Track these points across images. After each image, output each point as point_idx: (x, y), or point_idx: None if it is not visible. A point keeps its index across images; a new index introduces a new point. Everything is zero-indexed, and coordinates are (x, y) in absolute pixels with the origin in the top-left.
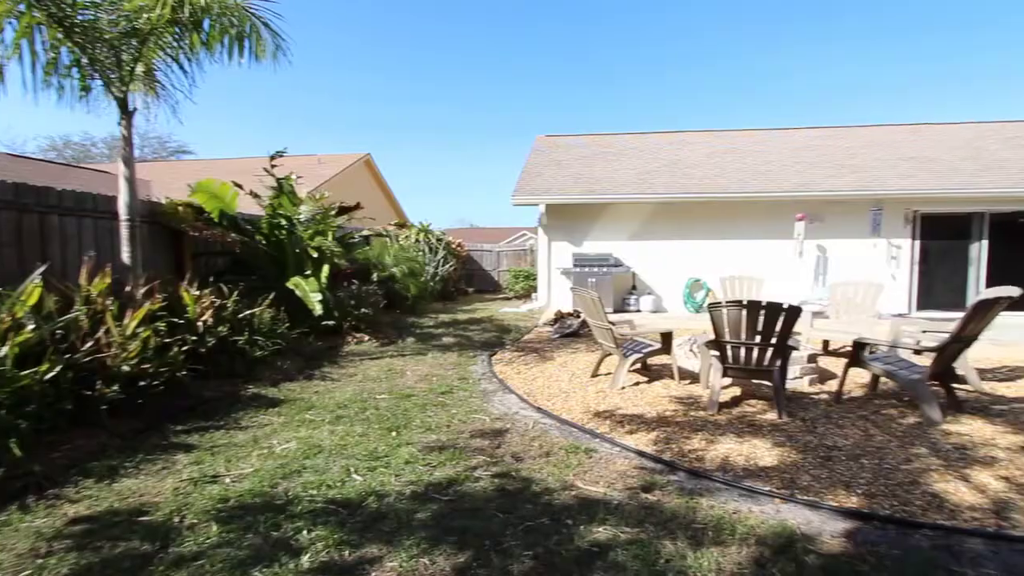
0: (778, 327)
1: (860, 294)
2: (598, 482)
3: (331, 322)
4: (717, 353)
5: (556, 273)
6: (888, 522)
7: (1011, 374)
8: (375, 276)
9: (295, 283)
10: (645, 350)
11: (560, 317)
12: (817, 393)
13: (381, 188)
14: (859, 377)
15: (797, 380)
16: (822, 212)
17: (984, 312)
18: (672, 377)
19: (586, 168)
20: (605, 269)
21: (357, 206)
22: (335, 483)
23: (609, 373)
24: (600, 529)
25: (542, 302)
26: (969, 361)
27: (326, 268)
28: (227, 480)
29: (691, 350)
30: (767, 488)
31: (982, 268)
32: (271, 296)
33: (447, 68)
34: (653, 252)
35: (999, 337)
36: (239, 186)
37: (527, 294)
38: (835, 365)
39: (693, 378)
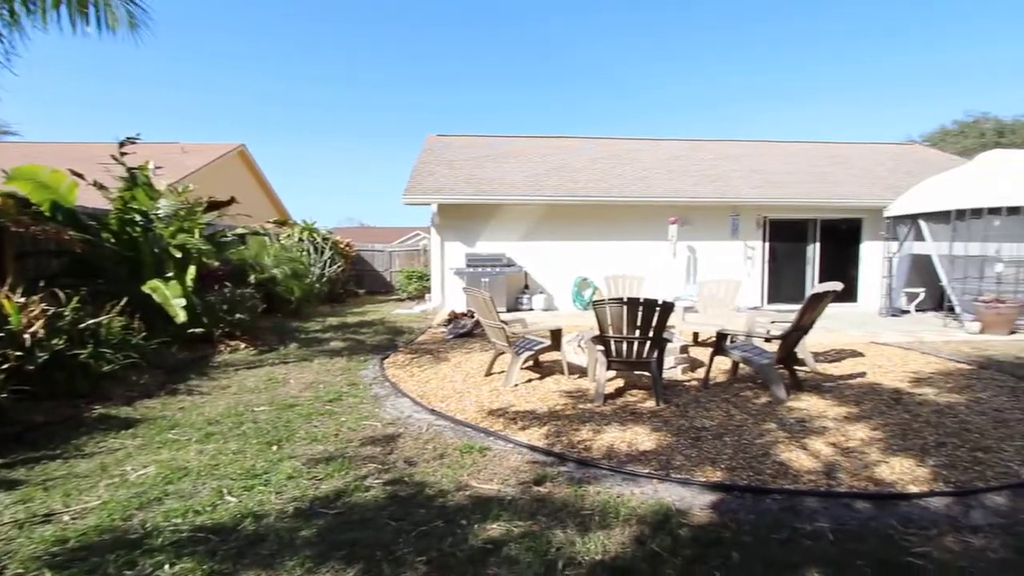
0: (654, 322)
1: (722, 290)
2: (492, 479)
3: (199, 329)
4: (602, 348)
5: (450, 273)
6: (746, 491)
7: (838, 356)
8: (253, 278)
9: (153, 287)
10: (536, 347)
11: (454, 317)
12: (689, 381)
13: (259, 183)
14: (723, 364)
15: (672, 370)
16: (691, 216)
17: (816, 304)
18: (562, 372)
19: (477, 169)
20: (498, 269)
21: (230, 201)
22: (204, 508)
23: (503, 371)
24: (494, 526)
25: (436, 303)
26: (807, 346)
27: (192, 269)
28: (65, 518)
29: (579, 346)
30: (647, 471)
31: (816, 266)
32: (123, 302)
33: (333, 65)
34: (544, 252)
35: (829, 325)
36: (78, 175)
37: (421, 295)
38: (704, 354)
39: (582, 372)
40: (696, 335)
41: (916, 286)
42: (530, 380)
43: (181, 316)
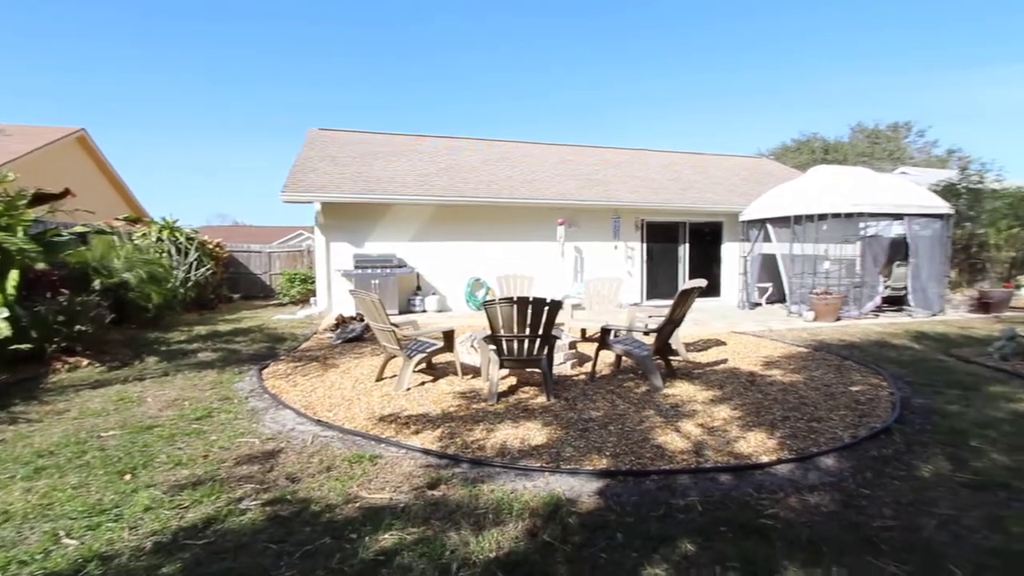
0: (544, 320)
1: (606, 288)
2: (384, 488)
3: (27, 345)
4: (494, 347)
5: (337, 275)
6: (628, 475)
7: (705, 345)
8: (98, 283)
9: None
10: (429, 349)
11: (342, 322)
12: (577, 375)
13: (105, 175)
14: (608, 358)
15: (561, 365)
16: (577, 218)
17: (685, 299)
18: (456, 373)
19: (365, 166)
20: (388, 270)
21: (63, 194)
22: (33, 556)
23: (395, 375)
24: (386, 536)
25: (322, 307)
26: (679, 338)
27: (14, 274)
28: None
29: (472, 346)
30: (538, 465)
31: (686, 264)
32: None
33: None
34: (436, 253)
35: (697, 318)
36: None
37: (305, 299)
38: (591, 349)
39: (475, 372)
40: (584, 331)
41: (766, 281)
42: (423, 383)
43: (2, 330)
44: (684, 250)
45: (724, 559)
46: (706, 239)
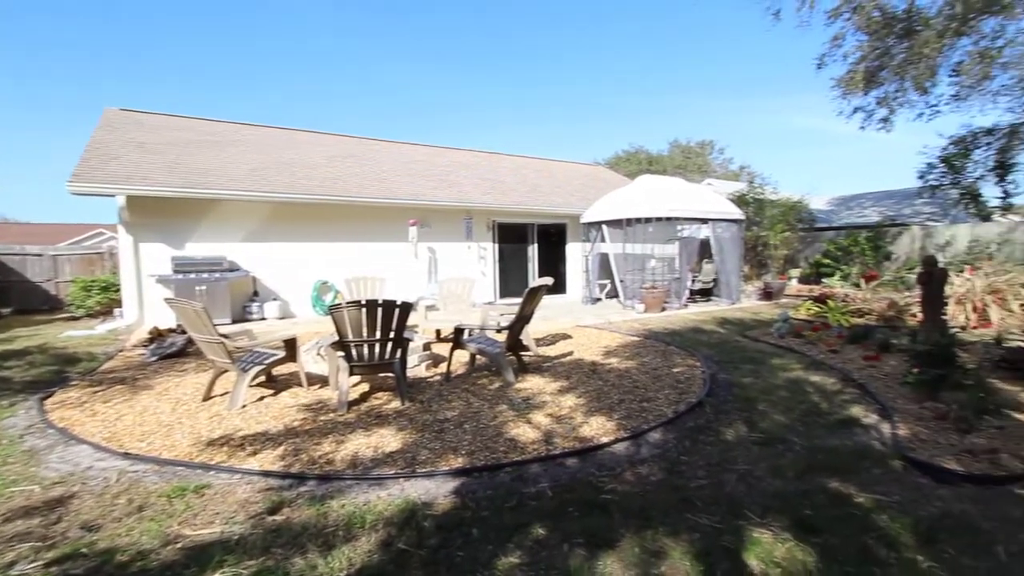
0: (395, 322)
1: (460, 288)
2: (213, 521)
3: None
4: (343, 353)
5: (151, 282)
6: (483, 471)
7: (553, 340)
8: None
9: None
10: (267, 360)
11: (158, 335)
12: (432, 376)
13: None
14: (463, 357)
15: (416, 367)
16: (430, 219)
17: (533, 297)
18: (301, 385)
19: (185, 156)
20: (218, 275)
21: None
22: None
23: (227, 393)
24: (216, 575)
25: (131, 319)
26: (530, 334)
27: None
28: None
29: (319, 354)
30: (393, 472)
31: (535, 264)
32: None
33: None
34: (277, 255)
35: (546, 314)
36: None
37: (108, 310)
38: (446, 349)
39: (323, 382)
40: (438, 332)
41: (605, 279)
42: (262, 398)
43: None
44: (533, 250)
45: (571, 537)
46: (552, 239)
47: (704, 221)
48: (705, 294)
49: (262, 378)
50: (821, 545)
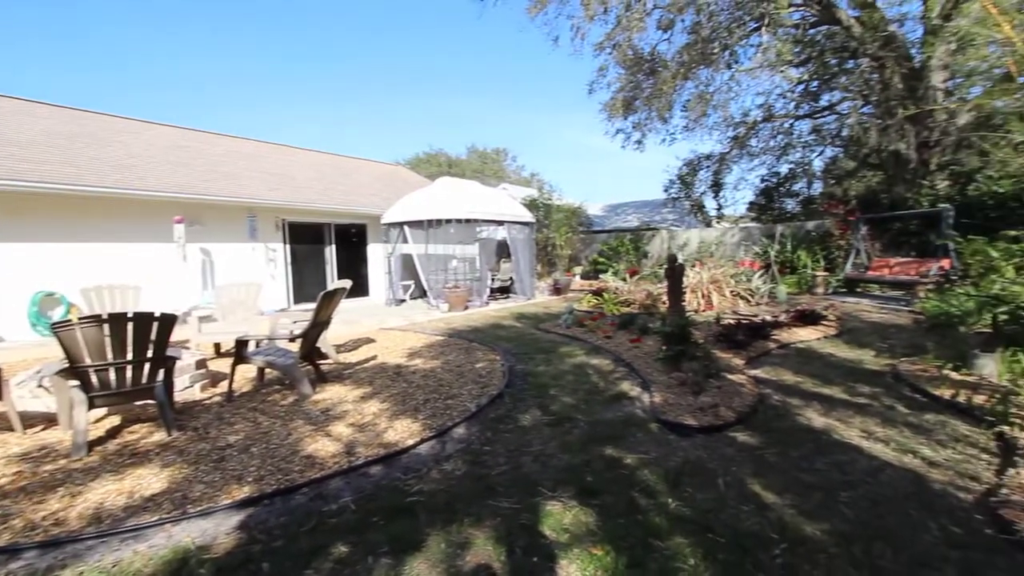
0: (153, 338)
1: (244, 294)
2: None
3: None
4: (79, 382)
5: None
6: (275, 496)
7: (356, 345)
8: None
9: None
10: None
11: None
12: (210, 397)
13: None
14: (250, 372)
15: (188, 389)
16: (202, 216)
17: (329, 301)
18: (12, 429)
19: None
20: None
21: None
22: None
23: None
24: None
25: None
26: (328, 340)
27: None
28: None
29: (40, 386)
30: (155, 518)
31: (334, 266)
32: None
33: None
34: None
35: (348, 318)
36: None
37: None
38: (227, 365)
39: (50, 421)
40: (217, 346)
41: (408, 279)
42: None
43: None
44: (331, 251)
45: (375, 547)
46: (353, 240)
47: (501, 223)
48: (504, 291)
49: None
50: (600, 505)
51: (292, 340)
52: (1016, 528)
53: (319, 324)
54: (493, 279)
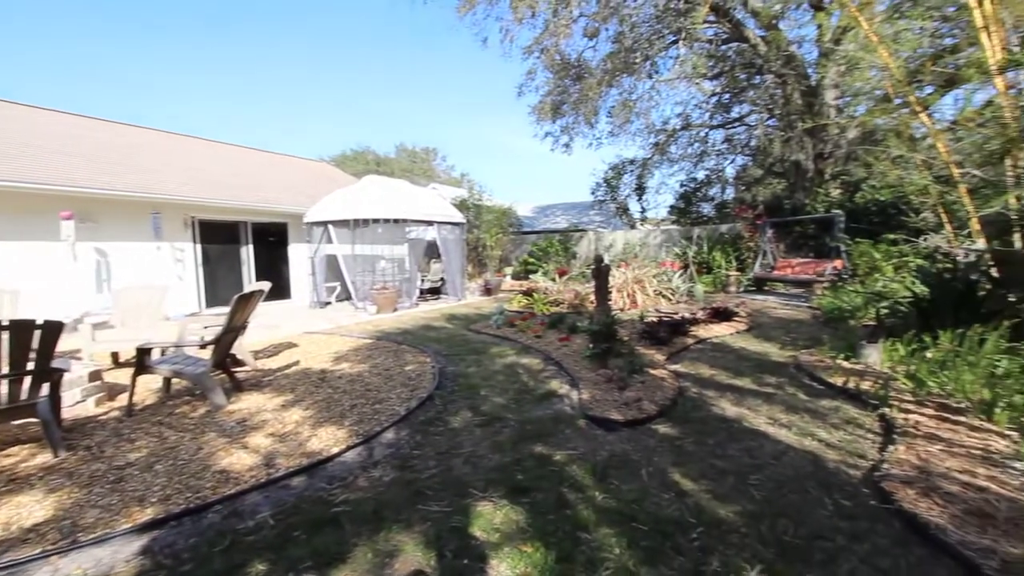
0: (32, 349)
1: (147, 298)
2: None
3: None
4: None
5: None
6: (183, 516)
7: (276, 350)
8: None
9: None
10: None
11: None
12: (107, 412)
13: None
14: (155, 383)
15: (80, 404)
16: (97, 212)
17: (245, 304)
18: None
19: None
20: None
21: None
22: None
23: None
24: None
25: None
26: (245, 346)
27: None
28: None
29: None
30: (39, 550)
31: (251, 267)
32: None
33: None
34: None
35: (269, 322)
36: None
37: None
38: (128, 377)
39: None
40: (116, 355)
41: (334, 281)
42: None
43: None
44: (248, 251)
45: (297, 563)
46: (272, 240)
47: (431, 223)
48: (435, 292)
49: None
50: (530, 503)
51: (203, 347)
52: (894, 498)
53: (234, 329)
54: (423, 280)
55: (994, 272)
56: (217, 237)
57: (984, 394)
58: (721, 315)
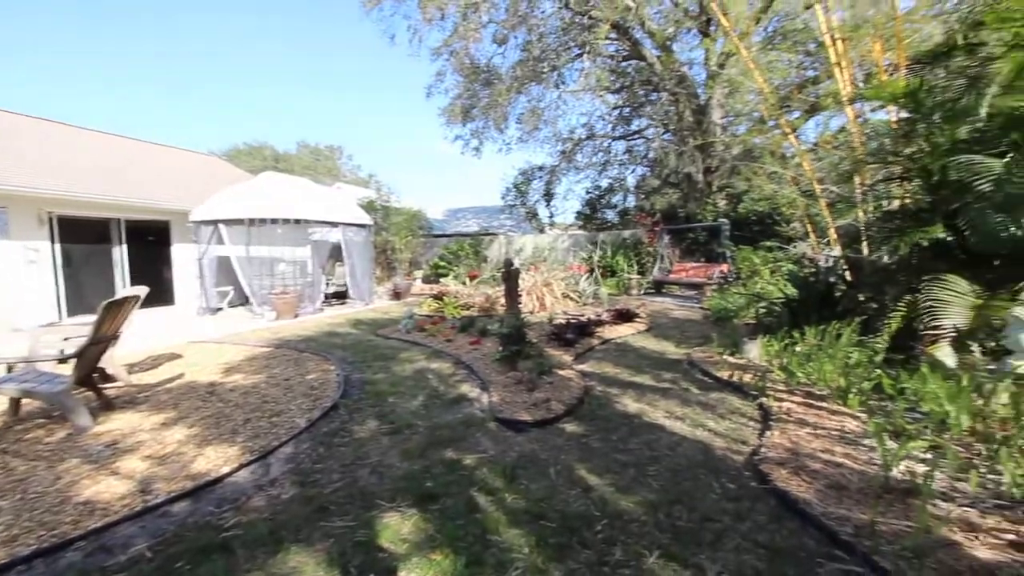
0: None
1: None
2: None
3: None
4: None
5: None
6: (34, 558)
7: (156, 363)
8: None
9: None
10: None
11: None
12: None
13: None
14: (2, 404)
15: None
16: None
17: (115, 311)
18: None
19: None
20: None
21: None
22: None
23: None
24: None
25: None
26: (117, 359)
27: None
28: None
29: None
30: None
31: (126, 269)
32: None
33: None
34: None
35: (147, 331)
36: None
37: None
38: None
39: None
40: None
41: (226, 285)
42: None
43: None
44: (121, 252)
45: None
46: (152, 240)
47: (335, 225)
48: (340, 297)
49: None
50: (439, 510)
51: (62, 361)
52: (770, 479)
53: (102, 340)
54: (328, 284)
55: (848, 276)
56: (82, 236)
57: (840, 382)
58: (624, 316)
